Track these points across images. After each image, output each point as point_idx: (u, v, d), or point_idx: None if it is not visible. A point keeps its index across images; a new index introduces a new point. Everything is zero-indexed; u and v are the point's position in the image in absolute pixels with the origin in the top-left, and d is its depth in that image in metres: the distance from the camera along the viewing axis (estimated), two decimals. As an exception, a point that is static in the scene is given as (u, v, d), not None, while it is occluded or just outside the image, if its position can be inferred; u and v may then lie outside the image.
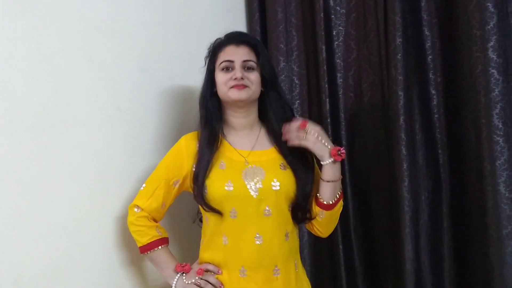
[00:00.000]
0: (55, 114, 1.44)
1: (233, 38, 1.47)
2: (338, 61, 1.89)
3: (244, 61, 1.42)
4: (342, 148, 1.36)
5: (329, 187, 1.39)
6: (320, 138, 1.37)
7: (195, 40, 1.87)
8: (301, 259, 1.50)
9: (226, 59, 1.42)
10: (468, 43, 1.53)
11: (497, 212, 1.46)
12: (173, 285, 1.43)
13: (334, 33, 1.89)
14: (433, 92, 1.69)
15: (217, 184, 1.39)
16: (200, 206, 1.47)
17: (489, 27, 1.46)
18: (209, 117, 1.47)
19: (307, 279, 1.51)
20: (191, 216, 1.62)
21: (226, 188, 1.38)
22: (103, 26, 1.57)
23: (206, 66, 1.52)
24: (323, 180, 1.39)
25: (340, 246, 1.83)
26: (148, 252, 1.47)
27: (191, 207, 1.72)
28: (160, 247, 1.47)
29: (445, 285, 1.65)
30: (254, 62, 1.43)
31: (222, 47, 1.46)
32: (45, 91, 1.42)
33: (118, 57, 1.61)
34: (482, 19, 1.47)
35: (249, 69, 1.43)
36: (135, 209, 1.49)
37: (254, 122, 1.49)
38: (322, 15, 1.86)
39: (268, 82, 1.46)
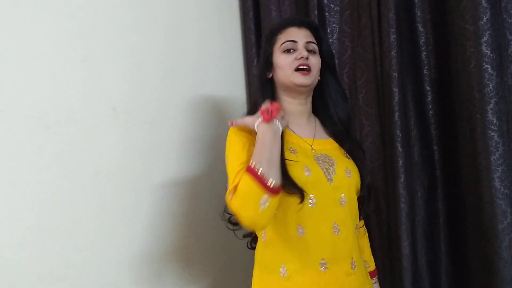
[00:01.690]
0: (48, 114, 1.44)
1: (294, 20, 1.42)
2: (332, 58, 1.88)
3: (307, 42, 1.37)
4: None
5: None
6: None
7: (188, 39, 1.87)
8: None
9: (289, 39, 1.37)
10: (461, 39, 1.53)
11: (493, 207, 1.46)
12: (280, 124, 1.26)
13: (328, 31, 1.89)
14: (428, 88, 1.69)
15: (296, 169, 1.26)
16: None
17: (482, 22, 1.45)
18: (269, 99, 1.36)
19: (369, 278, 1.43)
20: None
21: (305, 174, 1.27)
22: (96, 26, 1.57)
23: (262, 51, 1.46)
24: None
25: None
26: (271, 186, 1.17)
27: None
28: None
29: (441, 281, 1.64)
30: (316, 44, 1.39)
31: (282, 29, 1.41)
32: (38, 91, 1.42)
33: (111, 57, 1.60)
34: (475, 15, 1.46)
35: (311, 51, 1.37)
36: (230, 196, 1.21)
37: (310, 110, 1.45)
38: (316, 12, 1.86)
39: (328, 68, 1.43)
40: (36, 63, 1.42)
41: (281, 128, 1.25)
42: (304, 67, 1.34)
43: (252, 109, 1.37)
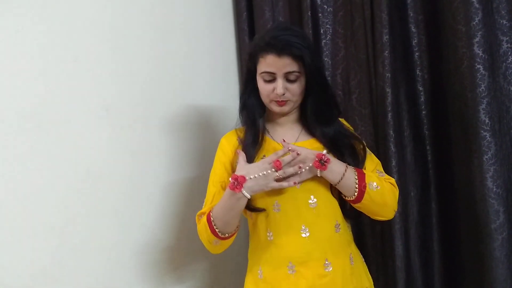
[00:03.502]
0: (41, 114, 1.43)
1: (274, 47, 1.30)
2: (326, 59, 1.89)
3: (287, 73, 1.31)
4: (323, 155, 1.29)
5: (340, 188, 1.32)
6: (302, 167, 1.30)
7: (181, 39, 1.87)
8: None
9: (267, 70, 1.32)
10: (453, 39, 1.54)
11: (485, 206, 1.46)
12: (247, 193, 1.27)
13: (321, 32, 1.89)
14: (420, 88, 1.69)
15: None
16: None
17: (474, 22, 1.46)
18: (252, 117, 1.42)
19: (367, 273, 1.43)
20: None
21: None
22: (89, 26, 1.57)
23: (246, 63, 1.44)
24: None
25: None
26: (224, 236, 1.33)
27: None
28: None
29: (434, 281, 1.65)
30: (297, 72, 1.32)
31: (263, 53, 1.33)
32: (30, 90, 1.41)
33: (103, 57, 1.60)
34: (467, 15, 1.47)
35: (291, 81, 1.33)
36: (200, 218, 1.40)
37: (297, 117, 1.45)
38: (309, 13, 1.87)
39: (315, 86, 1.36)
40: (28, 62, 1.41)
41: (248, 196, 1.27)
42: (281, 100, 1.35)
43: (245, 123, 1.44)
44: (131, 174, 1.66)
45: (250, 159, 1.35)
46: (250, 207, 1.33)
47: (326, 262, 1.31)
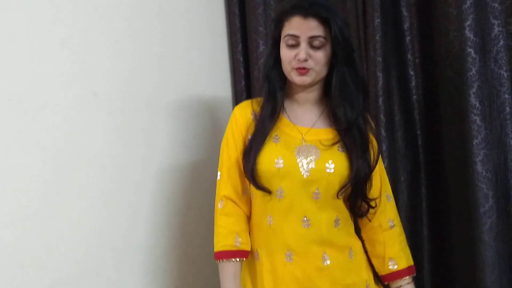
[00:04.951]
0: (27, 98, 1.42)
1: (300, 8, 1.24)
2: (317, 43, 1.87)
3: (311, 37, 1.25)
4: None
5: None
6: None
7: (171, 22, 1.84)
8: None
9: (291, 33, 1.26)
10: (445, 23, 1.53)
11: (475, 191, 1.46)
12: None
13: (313, 15, 1.87)
14: (412, 73, 1.68)
15: (267, 159, 1.29)
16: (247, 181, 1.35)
17: (465, 6, 1.45)
18: (272, 89, 1.34)
19: (368, 267, 1.39)
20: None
21: (276, 165, 1.28)
22: (76, 8, 1.54)
23: (271, 32, 1.38)
24: None
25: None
26: (218, 261, 1.34)
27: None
28: (226, 260, 1.33)
29: (424, 265, 1.65)
30: (323, 37, 1.25)
31: (289, 15, 1.27)
32: (16, 75, 1.39)
33: (91, 41, 1.58)
34: (459, -2, 1.46)
35: (315, 47, 1.26)
36: (219, 205, 1.37)
37: (319, 97, 1.37)
38: (300, -4, 1.84)
39: (340, 59, 1.28)
40: (14, 46, 1.39)
41: None
42: (302, 67, 1.27)
43: (264, 95, 1.36)
44: (120, 159, 1.65)
45: (264, 135, 1.31)
46: (258, 184, 1.29)
47: (325, 256, 1.30)
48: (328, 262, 1.30)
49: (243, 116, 1.38)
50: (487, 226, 1.45)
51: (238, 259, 1.33)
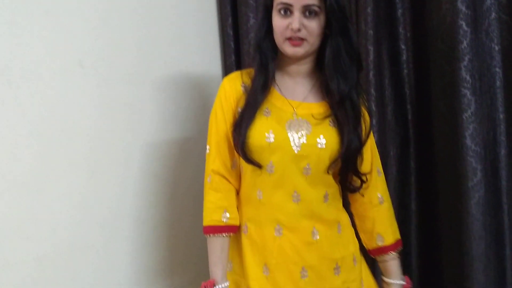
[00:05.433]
0: (11, 68, 1.39)
1: None
2: (308, 16, 1.84)
3: (305, 5, 1.21)
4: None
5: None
6: None
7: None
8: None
9: (284, 1, 1.21)
10: (437, -6, 1.51)
11: (463, 165, 1.46)
12: None
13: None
14: (403, 47, 1.66)
15: (258, 133, 1.26)
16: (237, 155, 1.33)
17: (458, -23, 1.43)
18: (265, 61, 1.30)
19: (355, 241, 1.40)
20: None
21: (266, 139, 1.26)
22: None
23: (263, 0, 1.33)
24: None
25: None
26: (207, 235, 1.33)
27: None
28: (213, 235, 1.33)
29: (411, 239, 1.66)
30: (318, 6, 1.21)
31: None
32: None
33: (78, 10, 1.54)
34: (451, -31, 1.44)
35: (311, 14, 1.22)
36: (208, 180, 1.35)
37: (311, 70, 1.33)
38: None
39: (335, 29, 1.24)
40: (-4, 14, 1.36)
41: None
42: (295, 38, 1.23)
43: (256, 66, 1.32)
44: (107, 133, 1.62)
45: (255, 108, 1.28)
46: (248, 158, 1.27)
47: (314, 230, 1.30)
48: (317, 237, 1.30)
49: (232, 88, 1.35)
50: (475, 200, 1.45)
51: (225, 234, 1.33)
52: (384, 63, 1.68)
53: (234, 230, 1.34)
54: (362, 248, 1.42)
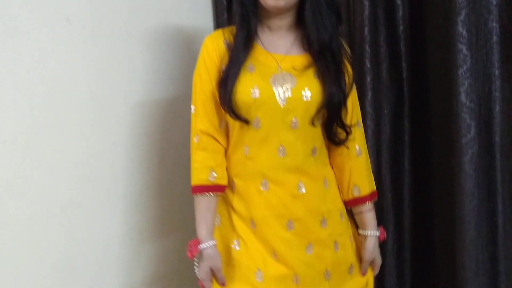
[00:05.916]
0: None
1: None
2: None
3: None
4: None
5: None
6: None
7: None
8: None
9: None
10: None
11: (457, 121, 1.45)
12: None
13: None
14: (399, 2, 1.63)
15: (243, 89, 1.27)
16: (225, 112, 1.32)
17: None
18: (246, 15, 1.29)
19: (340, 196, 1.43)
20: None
21: (251, 95, 1.26)
22: None
23: None
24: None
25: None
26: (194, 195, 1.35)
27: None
28: (200, 194, 1.34)
29: (404, 196, 1.67)
30: None
31: None
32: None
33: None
34: None
35: None
36: (194, 140, 1.35)
37: (292, 23, 1.33)
38: None
39: None
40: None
41: (209, 253, 1.30)
42: None
43: (237, 21, 1.32)
44: (97, 91, 1.59)
45: (238, 64, 1.28)
46: (235, 114, 1.27)
47: (300, 184, 1.31)
48: (304, 190, 1.31)
49: (215, 46, 1.34)
50: (468, 156, 1.45)
51: (212, 194, 1.34)
52: (380, 19, 1.64)
53: (221, 190, 1.35)
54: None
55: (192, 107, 1.36)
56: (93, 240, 1.61)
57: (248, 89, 1.27)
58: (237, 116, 1.27)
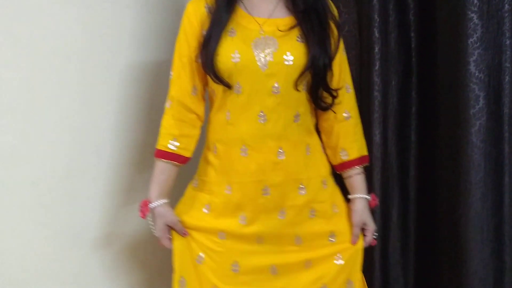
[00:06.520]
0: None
1: None
2: None
3: None
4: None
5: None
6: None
7: None
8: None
9: None
10: None
11: (466, 91, 1.43)
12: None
13: None
14: (409, -30, 1.60)
15: (224, 54, 1.27)
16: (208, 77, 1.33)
17: None
18: None
19: (325, 161, 1.42)
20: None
21: (232, 60, 1.26)
22: None
23: None
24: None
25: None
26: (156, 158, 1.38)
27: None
28: (158, 159, 1.36)
29: (410, 168, 1.66)
30: None
31: None
32: None
33: None
34: None
35: None
36: (166, 104, 1.37)
37: None
38: None
39: None
40: None
41: (160, 210, 1.34)
42: None
43: None
44: (83, 51, 1.53)
45: (220, 28, 1.27)
46: (217, 77, 1.27)
47: (280, 150, 1.31)
48: (283, 157, 1.31)
49: (196, 10, 1.33)
50: (476, 127, 1.44)
51: (169, 161, 1.36)
52: (389, -13, 1.61)
53: (180, 161, 1.36)
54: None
55: (171, 73, 1.38)
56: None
57: (229, 53, 1.27)
58: (219, 79, 1.27)
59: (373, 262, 1.62)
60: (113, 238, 1.67)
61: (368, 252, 1.62)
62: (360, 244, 1.41)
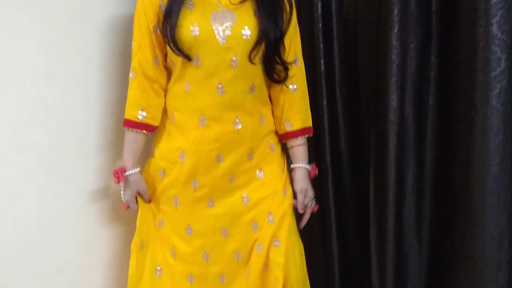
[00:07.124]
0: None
1: None
2: None
3: None
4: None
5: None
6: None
7: None
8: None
9: None
10: None
11: (487, 54, 1.39)
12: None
13: None
14: None
15: (183, 26, 1.31)
16: (168, 48, 1.37)
17: None
18: None
19: (275, 132, 1.53)
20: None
21: (191, 33, 1.31)
22: None
23: None
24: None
25: (325, 102, 1.79)
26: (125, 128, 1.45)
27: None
28: (127, 129, 1.44)
29: (427, 133, 1.63)
30: None
31: None
32: None
33: None
34: None
35: None
36: (131, 75, 1.42)
37: None
38: None
39: None
40: None
41: (135, 178, 1.44)
42: None
43: None
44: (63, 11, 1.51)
45: (180, 1, 1.30)
46: (178, 48, 1.31)
47: (236, 120, 1.40)
48: (240, 126, 1.41)
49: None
50: (496, 90, 1.40)
51: (139, 131, 1.43)
52: None
53: (149, 129, 1.45)
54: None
55: (132, 43, 1.41)
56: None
57: (188, 26, 1.31)
58: (179, 51, 1.31)
59: (386, 227, 1.62)
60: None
61: (382, 217, 1.63)
62: (288, 203, 1.49)
